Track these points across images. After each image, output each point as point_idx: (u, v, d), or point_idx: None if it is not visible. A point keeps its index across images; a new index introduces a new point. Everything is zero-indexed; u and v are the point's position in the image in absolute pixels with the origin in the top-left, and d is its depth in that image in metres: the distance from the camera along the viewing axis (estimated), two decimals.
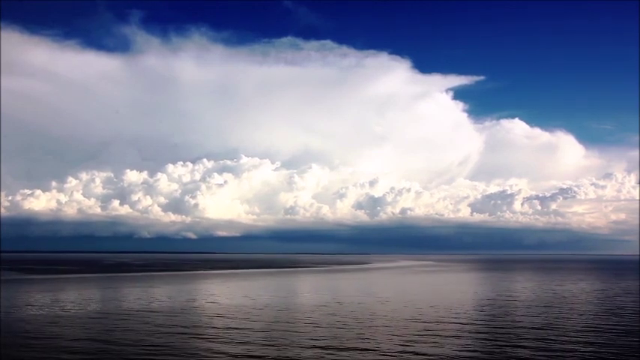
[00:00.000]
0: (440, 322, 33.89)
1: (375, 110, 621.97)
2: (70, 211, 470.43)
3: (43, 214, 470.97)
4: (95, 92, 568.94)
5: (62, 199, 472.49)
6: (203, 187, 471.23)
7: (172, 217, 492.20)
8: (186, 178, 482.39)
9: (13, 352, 24.66)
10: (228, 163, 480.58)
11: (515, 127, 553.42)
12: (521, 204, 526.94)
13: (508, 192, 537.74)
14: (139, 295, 53.77)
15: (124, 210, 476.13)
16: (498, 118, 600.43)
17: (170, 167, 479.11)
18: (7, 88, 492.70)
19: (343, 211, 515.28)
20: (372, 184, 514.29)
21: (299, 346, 26.03)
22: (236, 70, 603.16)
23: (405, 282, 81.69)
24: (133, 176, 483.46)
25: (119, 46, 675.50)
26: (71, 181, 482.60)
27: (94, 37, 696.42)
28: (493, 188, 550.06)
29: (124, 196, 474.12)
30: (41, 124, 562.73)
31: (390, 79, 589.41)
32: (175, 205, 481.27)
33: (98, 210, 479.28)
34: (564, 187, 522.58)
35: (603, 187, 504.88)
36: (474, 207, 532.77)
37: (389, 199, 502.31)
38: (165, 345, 26.13)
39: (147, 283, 72.05)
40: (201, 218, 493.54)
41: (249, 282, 78.92)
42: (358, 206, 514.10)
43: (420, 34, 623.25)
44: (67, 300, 47.91)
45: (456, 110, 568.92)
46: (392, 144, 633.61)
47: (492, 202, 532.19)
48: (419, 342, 27.15)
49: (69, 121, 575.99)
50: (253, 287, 67.65)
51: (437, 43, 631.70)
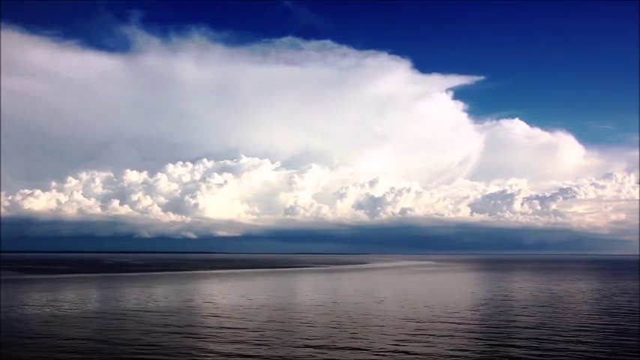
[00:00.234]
0: (434, 322, 33.96)
1: (375, 110, 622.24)
2: (70, 211, 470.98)
3: (43, 214, 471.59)
4: (95, 92, 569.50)
5: (62, 199, 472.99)
6: (203, 187, 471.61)
7: (172, 217, 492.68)
8: (186, 178, 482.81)
9: (9, 351, 24.74)
10: (228, 163, 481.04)
11: (515, 127, 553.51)
12: (521, 204, 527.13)
13: (508, 192, 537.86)
14: (136, 294, 53.88)
15: (124, 210, 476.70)
16: (498, 118, 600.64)
17: (170, 167, 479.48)
18: (7, 88, 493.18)
19: (343, 211, 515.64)
20: (372, 184, 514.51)
21: (291, 345, 26.10)
22: (236, 70, 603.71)
23: (402, 282, 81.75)
24: (133, 176, 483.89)
25: (119, 46, 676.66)
26: (71, 181, 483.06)
27: (94, 37, 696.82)
28: (493, 188, 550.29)
29: (124, 196, 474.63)
30: (41, 124, 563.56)
31: (390, 79, 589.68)
32: (175, 205, 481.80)
33: (98, 210, 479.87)
34: (564, 187, 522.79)
35: (603, 187, 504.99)
36: (474, 207, 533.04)
37: (389, 199, 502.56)
38: (157, 344, 26.20)
39: (145, 283, 72.15)
40: (201, 218, 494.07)
41: (248, 282, 79.01)
42: (358, 206, 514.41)
43: (420, 34, 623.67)
44: (64, 300, 47.99)
45: (456, 110, 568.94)
46: (392, 144, 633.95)
47: (492, 202, 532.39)
48: (412, 341, 27.22)
49: (69, 121, 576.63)
50: (251, 287, 67.74)
51: (437, 43, 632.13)
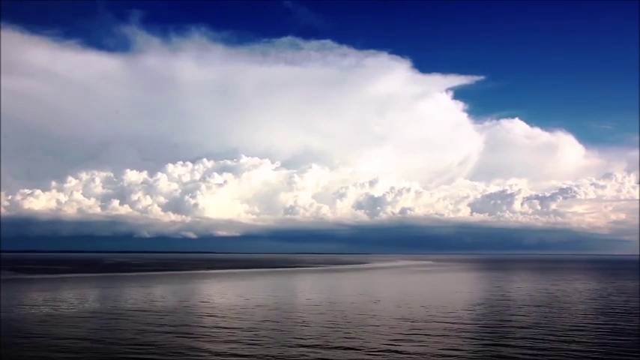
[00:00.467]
0: (429, 322, 34.02)
1: (375, 110, 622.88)
2: (69, 211, 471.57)
3: (42, 213, 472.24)
4: (95, 92, 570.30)
5: (62, 198, 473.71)
6: (203, 186, 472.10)
7: (172, 216, 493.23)
8: (186, 178, 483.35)
9: (4, 350, 24.84)
10: (228, 162, 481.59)
11: (515, 127, 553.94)
12: (521, 204, 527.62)
13: (508, 192, 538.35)
14: (134, 294, 53.99)
15: (124, 210, 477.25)
16: (498, 118, 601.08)
17: (170, 167, 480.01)
18: (7, 88, 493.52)
19: (343, 211, 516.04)
20: (372, 184, 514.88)
21: (285, 345, 26.18)
22: (236, 70, 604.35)
23: (400, 282, 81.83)
24: (132, 176, 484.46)
25: (119, 46, 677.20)
26: (71, 181, 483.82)
27: (94, 37, 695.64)
28: (493, 188, 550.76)
29: (123, 195, 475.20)
30: (41, 124, 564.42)
31: (390, 79, 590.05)
32: (175, 204, 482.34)
33: (98, 210, 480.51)
34: (564, 187, 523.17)
35: (603, 187, 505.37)
36: (474, 207, 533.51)
37: (389, 199, 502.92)
38: (151, 344, 26.28)
39: (143, 283, 72.25)
40: (201, 218, 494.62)
41: (246, 282, 79.09)
42: (358, 206, 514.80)
43: (420, 34, 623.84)
44: (61, 299, 48.08)
45: (456, 110, 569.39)
46: (392, 144, 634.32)
47: (492, 202, 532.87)
48: (405, 341, 27.30)
49: (69, 121, 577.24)
50: (249, 287, 67.83)
51: (437, 43, 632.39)
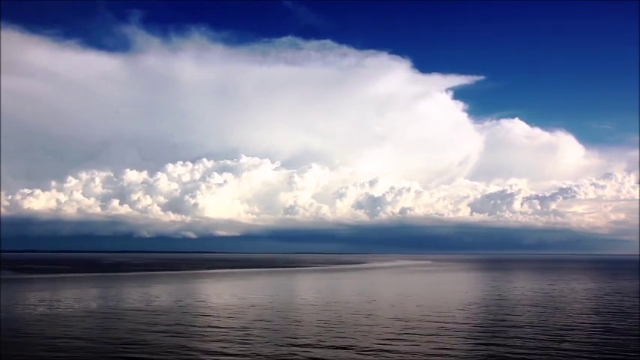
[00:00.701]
0: (422, 321, 34.04)
1: (375, 110, 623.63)
2: (69, 211, 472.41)
3: (42, 213, 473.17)
4: (95, 92, 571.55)
5: (62, 198, 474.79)
6: (203, 186, 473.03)
7: (172, 216, 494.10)
8: (186, 178, 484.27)
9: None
10: (228, 162, 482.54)
11: (515, 127, 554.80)
12: (521, 204, 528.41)
13: (508, 192, 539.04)
14: (131, 294, 54.06)
15: (124, 209, 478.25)
16: (498, 118, 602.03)
17: (170, 167, 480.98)
18: (7, 88, 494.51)
19: (343, 210, 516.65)
20: (371, 183, 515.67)
21: (276, 344, 26.22)
22: (236, 70, 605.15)
23: (397, 282, 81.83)
24: (132, 176, 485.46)
25: (119, 45, 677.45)
26: (71, 181, 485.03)
27: (94, 37, 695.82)
28: (493, 188, 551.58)
29: (123, 195, 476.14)
30: (41, 124, 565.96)
31: (390, 78, 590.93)
32: (175, 204, 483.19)
33: (98, 209, 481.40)
34: (564, 187, 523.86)
35: (603, 187, 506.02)
36: (474, 207, 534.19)
37: (389, 198, 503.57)
38: (142, 342, 26.31)
39: (141, 283, 72.31)
40: (201, 218, 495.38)
41: (244, 282, 79.14)
42: (358, 206, 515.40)
43: (420, 34, 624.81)
44: (58, 299, 48.11)
45: (455, 110, 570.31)
46: (392, 144, 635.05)
47: (492, 201, 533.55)
48: (397, 340, 27.33)
49: (69, 121, 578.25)
50: (246, 287, 67.87)
51: (437, 43, 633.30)
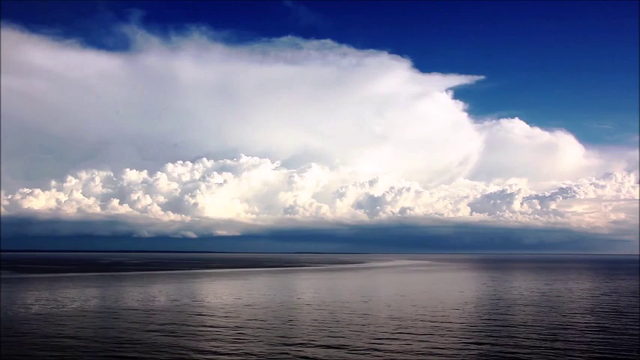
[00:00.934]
0: (416, 321, 34.09)
1: (374, 110, 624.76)
2: (69, 211, 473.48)
3: (42, 213, 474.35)
4: (95, 91, 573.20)
5: (62, 198, 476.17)
6: (203, 186, 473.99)
7: (172, 216, 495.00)
8: (185, 178, 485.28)
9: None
10: (228, 162, 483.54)
11: (515, 127, 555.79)
12: (521, 204, 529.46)
13: (508, 192, 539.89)
14: (128, 294, 54.10)
15: (124, 209, 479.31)
16: (498, 118, 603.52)
17: (170, 166, 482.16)
18: (6, 88, 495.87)
19: (343, 210, 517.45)
20: (371, 183, 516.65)
21: (268, 343, 26.27)
22: (236, 69, 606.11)
23: (395, 281, 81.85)
24: (132, 175, 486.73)
25: (119, 45, 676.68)
26: (71, 180, 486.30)
27: (94, 37, 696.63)
28: (493, 188, 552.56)
29: (123, 195, 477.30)
30: (41, 123, 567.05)
31: (389, 78, 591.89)
32: (175, 204, 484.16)
33: (98, 209, 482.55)
34: (564, 186, 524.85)
35: (603, 186, 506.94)
36: (474, 207, 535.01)
37: (388, 198, 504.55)
38: (134, 342, 26.38)
39: (139, 283, 72.38)
40: (201, 217, 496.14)
41: (241, 281, 79.17)
42: (358, 206, 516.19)
43: (420, 34, 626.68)
44: (55, 299, 48.14)
45: (455, 110, 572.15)
46: (392, 144, 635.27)
47: (492, 201, 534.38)
48: (389, 339, 27.38)
49: (69, 120, 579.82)
50: (244, 287, 67.90)
51: (437, 43, 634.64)
